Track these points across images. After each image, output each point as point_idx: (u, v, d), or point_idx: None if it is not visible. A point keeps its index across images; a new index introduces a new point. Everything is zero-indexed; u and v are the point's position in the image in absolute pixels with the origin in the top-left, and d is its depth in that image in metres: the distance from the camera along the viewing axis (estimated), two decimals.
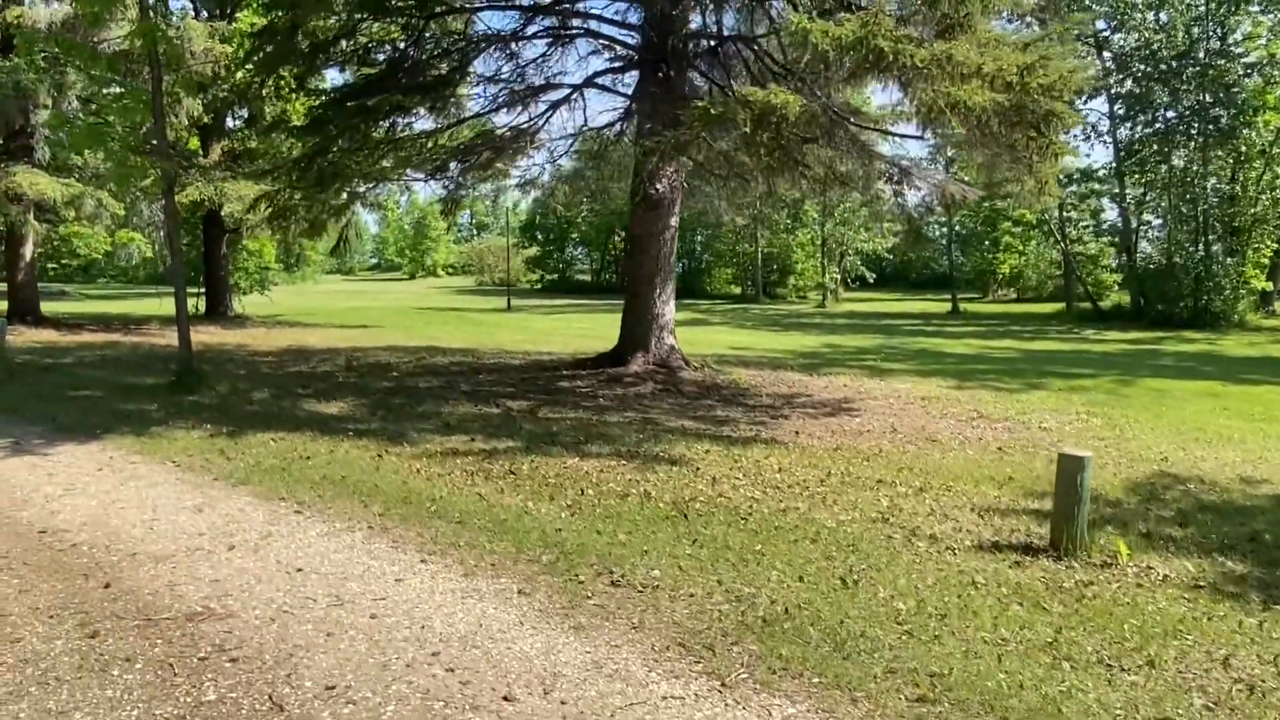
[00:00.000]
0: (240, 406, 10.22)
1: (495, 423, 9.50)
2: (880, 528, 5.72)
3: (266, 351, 17.45)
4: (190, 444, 7.95)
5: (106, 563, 4.86)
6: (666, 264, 13.50)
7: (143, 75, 14.37)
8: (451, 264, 78.63)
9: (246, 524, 5.53)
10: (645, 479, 6.86)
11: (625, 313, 13.82)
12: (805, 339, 23.36)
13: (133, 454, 7.55)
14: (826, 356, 18.31)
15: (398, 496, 6.15)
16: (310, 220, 12.11)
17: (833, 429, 9.57)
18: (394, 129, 13.45)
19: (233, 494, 6.27)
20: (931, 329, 27.97)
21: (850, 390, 12.62)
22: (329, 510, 5.82)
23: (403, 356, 16.42)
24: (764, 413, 10.57)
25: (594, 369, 13.47)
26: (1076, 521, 5.28)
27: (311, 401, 10.81)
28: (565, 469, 7.18)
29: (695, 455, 7.90)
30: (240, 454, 7.54)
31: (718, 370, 13.76)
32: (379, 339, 20.92)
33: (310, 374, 13.79)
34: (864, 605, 4.29)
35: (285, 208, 11.53)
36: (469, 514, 5.75)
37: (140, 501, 6.07)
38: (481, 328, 26.19)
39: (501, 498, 6.23)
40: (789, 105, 7.95)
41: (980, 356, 18.97)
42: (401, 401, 10.89)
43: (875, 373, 15.10)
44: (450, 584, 4.51)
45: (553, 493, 6.39)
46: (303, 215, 11.83)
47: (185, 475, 6.81)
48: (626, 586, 4.46)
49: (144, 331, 21.97)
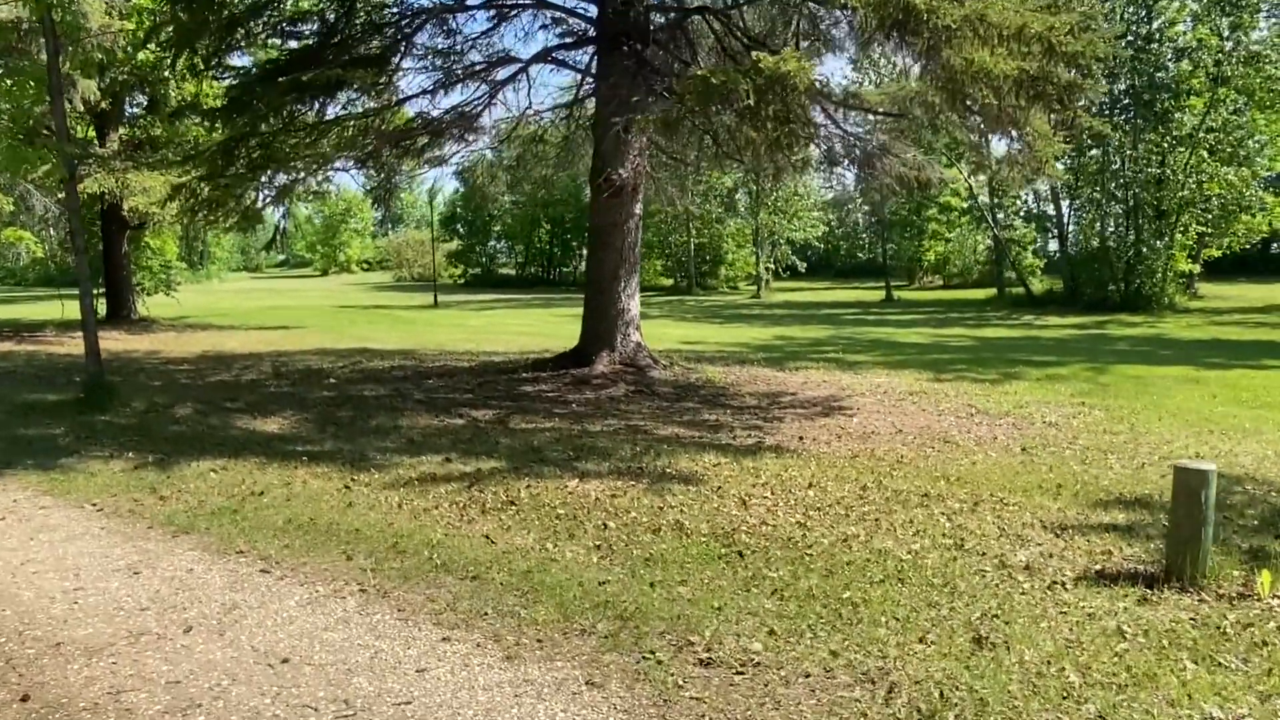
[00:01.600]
0: (163, 427, 8.87)
1: (465, 437, 8.42)
2: (962, 558, 4.91)
3: (181, 359, 15.83)
4: (112, 479, 6.64)
5: (20, 659, 3.68)
6: (631, 255, 12.54)
7: (32, 52, 12.65)
8: (366, 259, 75.87)
9: (201, 591, 4.38)
10: (666, 504, 5.92)
11: (587, 309, 12.81)
12: (753, 331, 22.69)
13: (41, 495, 6.22)
14: (785, 350, 17.62)
15: (386, 544, 5.06)
16: (241, 211, 10.70)
17: (835, 432, 8.79)
18: (324, 111, 12.12)
19: (175, 547, 5.07)
20: (873, 318, 27.70)
21: (832, 386, 11.89)
22: (304, 567, 4.70)
23: (335, 361, 15.05)
24: (753, 415, 9.73)
25: (556, 370, 12.43)
26: (1201, 545, 4.56)
27: (245, 417, 9.51)
28: (569, 495, 6.17)
29: (706, 470, 6.99)
30: (176, 491, 6.29)
31: (689, 368, 12.88)
32: (304, 341, 19.37)
33: (235, 384, 12.37)
34: (1022, 679, 3.44)
35: (211, 199, 10.12)
36: (481, 565, 4.71)
37: (58, 562, 4.83)
38: (413, 326, 24.74)
39: (510, 538, 5.20)
40: (801, 73, 7.08)
41: (938, 345, 18.58)
42: (350, 414, 9.68)
43: (843, 366, 14.44)
44: (491, 674, 3.48)
45: (570, 529, 5.39)
46: (233, 206, 10.43)
47: (111, 522, 5.55)
48: (720, 666, 3.51)
49: (40, 339, 19.90)
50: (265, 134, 9.88)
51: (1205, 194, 27.23)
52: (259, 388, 11.83)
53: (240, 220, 11.43)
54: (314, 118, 11.84)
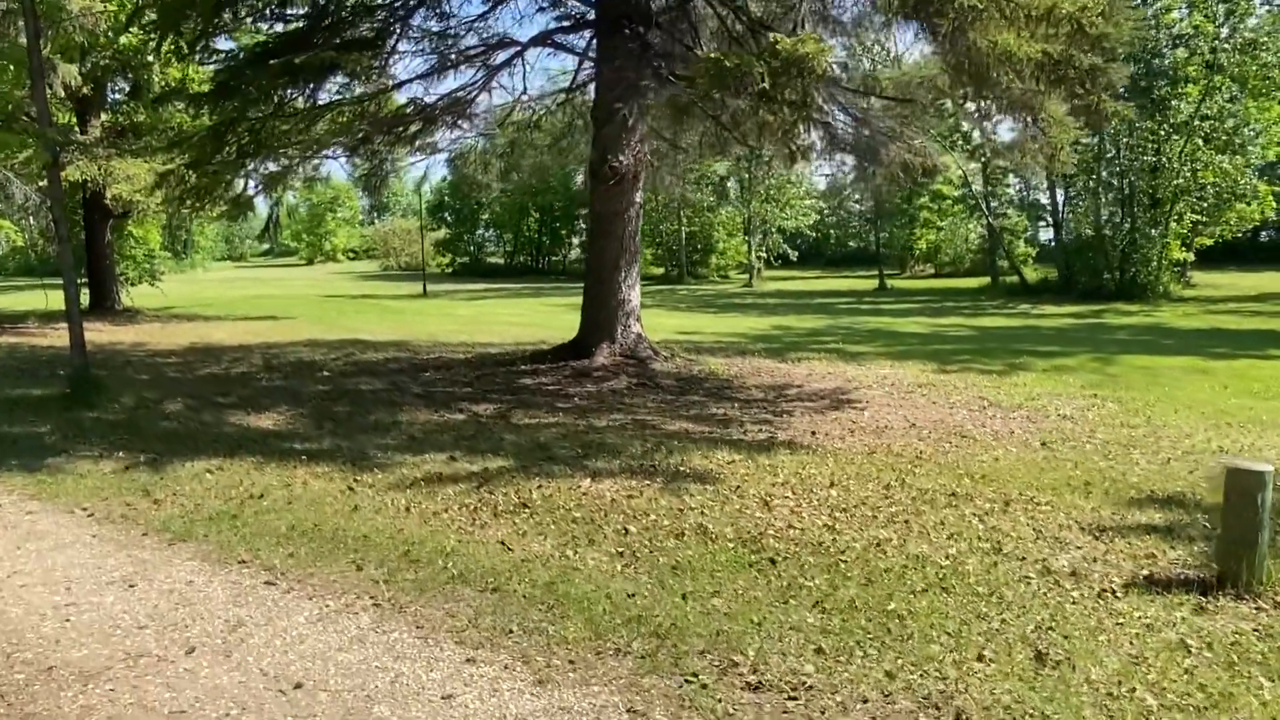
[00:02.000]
0: (154, 423, 8.54)
1: (468, 433, 8.14)
2: (1002, 564, 4.69)
3: (168, 351, 15.45)
4: (102, 481, 6.34)
5: (10, 686, 3.40)
6: (632, 244, 12.25)
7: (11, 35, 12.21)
8: (352, 248, 75.11)
9: (203, 606, 4.10)
10: (685, 506, 5.67)
11: (586, 299, 12.52)
12: (749, 321, 22.44)
13: (27, 498, 5.91)
14: (784, 340, 17.39)
15: (397, 552, 4.79)
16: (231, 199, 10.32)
17: (847, 426, 8.56)
18: (315, 97, 11.75)
19: (172, 556, 4.79)
20: (868, 307, 27.50)
21: (838, 379, 11.66)
22: (311, 579, 4.42)
23: (327, 353, 14.71)
24: (761, 409, 9.49)
25: (555, 362, 12.15)
26: (1258, 550, 4.35)
27: (238, 413, 9.19)
28: (583, 496, 5.91)
29: (720, 468, 6.75)
30: (170, 493, 5.99)
31: (690, 360, 12.62)
32: (294, 333, 18.98)
33: (226, 377, 12.03)
34: (1094, 702, 3.21)
35: (199, 187, 9.74)
36: (500, 575, 4.45)
37: (47, 574, 4.54)
38: (403, 317, 24.38)
39: (528, 544, 4.94)
40: (819, 55, 6.80)
41: (937, 335, 18.39)
42: (347, 410, 9.38)
43: (846, 357, 14.22)
44: (524, 700, 3.23)
45: (589, 533, 5.13)
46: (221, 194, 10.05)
47: (103, 529, 5.26)
48: (771, 691, 3.27)
49: (21, 330, 19.42)
50: (255, 119, 9.50)
51: (1200, 182, 27.14)
52: (251, 381, 11.50)
53: (230, 209, 11.04)
54: (305, 103, 11.49)
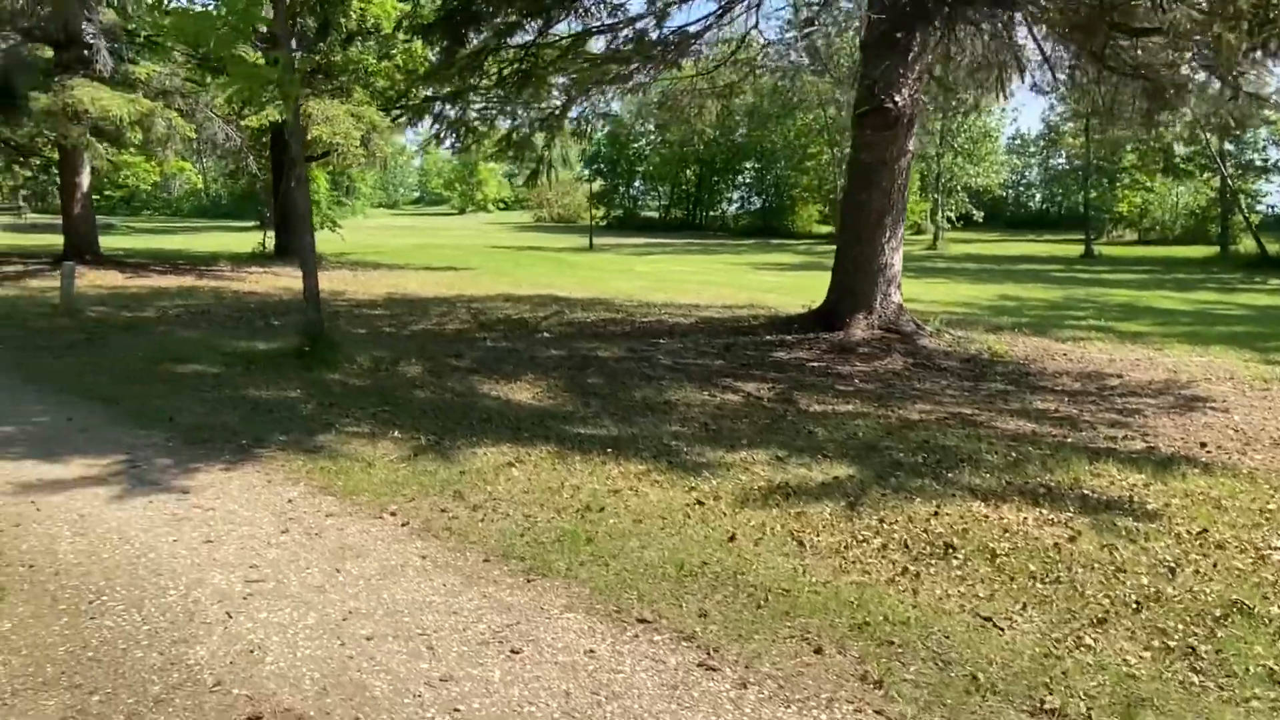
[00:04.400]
0: (404, 391, 7.60)
1: (761, 422, 6.82)
2: None
3: (369, 302, 14.88)
4: (393, 472, 5.30)
5: None
6: (900, 199, 10.63)
7: None
8: (502, 199, 75.51)
9: (631, 700, 2.89)
10: (1152, 556, 4.13)
11: (840, 261, 11.00)
12: (963, 289, 20.32)
13: (318, 491, 4.93)
14: (1026, 313, 15.40)
15: (842, 617, 3.47)
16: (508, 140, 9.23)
17: (1227, 433, 6.79)
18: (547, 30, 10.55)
19: (541, 601, 3.60)
20: (1089, 276, 24.80)
21: (1154, 367, 9.74)
22: (760, 664, 3.15)
23: (532, 310, 13.76)
24: (1094, 404, 7.77)
25: (802, 333, 10.73)
26: None
27: (484, 380, 8.18)
28: (1004, 533, 4.47)
29: (1131, 493, 5.16)
30: (484, 496, 4.87)
31: (961, 336, 10.94)
32: (482, 285, 18.26)
33: (444, 335, 11.19)
34: None
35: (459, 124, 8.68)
36: (1022, 678, 3.08)
37: (394, 621, 3.42)
38: (581, 271, 23.49)
39: (1016, 625, 3.54)
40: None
41: (1207, 314, 15.95)
42: (601, 383, 8.23)
43: (1125, 338, 12.17)
44: None
45: (1070, 601, 3.66)
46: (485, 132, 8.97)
47: (429, 547, 4.16)
48: None
49: (216, 274, 19.48)
50: (521, 47, 8.33)
51: None
52: (473, 342, 10.58)
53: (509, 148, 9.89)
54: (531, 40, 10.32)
